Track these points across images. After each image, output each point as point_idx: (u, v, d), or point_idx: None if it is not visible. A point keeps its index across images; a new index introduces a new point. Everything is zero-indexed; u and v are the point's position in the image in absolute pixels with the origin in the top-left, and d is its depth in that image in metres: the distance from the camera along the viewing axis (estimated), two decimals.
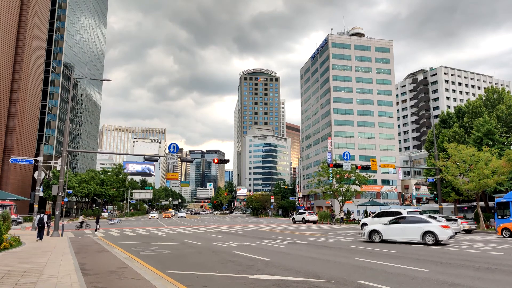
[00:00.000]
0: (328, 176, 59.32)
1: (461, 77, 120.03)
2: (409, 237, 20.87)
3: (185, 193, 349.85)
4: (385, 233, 21.65)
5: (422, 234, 20.36)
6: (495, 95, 50.73)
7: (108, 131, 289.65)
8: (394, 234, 21.37)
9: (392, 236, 21.54)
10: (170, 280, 9.71)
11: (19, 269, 10.85)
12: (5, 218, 23.78)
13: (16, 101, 72.05)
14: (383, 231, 21.76)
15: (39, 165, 31.95)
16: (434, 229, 20.12)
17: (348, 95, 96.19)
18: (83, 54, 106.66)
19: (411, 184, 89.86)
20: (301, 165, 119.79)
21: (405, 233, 21.05)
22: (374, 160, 39.40)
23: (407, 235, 20.92)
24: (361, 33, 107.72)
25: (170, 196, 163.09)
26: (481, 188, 34.42)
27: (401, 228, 21.28)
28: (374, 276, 10.25)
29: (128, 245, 20.07)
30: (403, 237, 21.17)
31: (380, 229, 21.95)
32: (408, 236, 20.91)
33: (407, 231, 21.04)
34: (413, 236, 20.75)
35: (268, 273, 10.79)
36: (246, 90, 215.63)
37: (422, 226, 20.51)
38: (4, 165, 69.06)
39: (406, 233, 21.03)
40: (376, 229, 22.02)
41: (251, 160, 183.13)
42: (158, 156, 33.90)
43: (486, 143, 40.53)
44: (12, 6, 72.43)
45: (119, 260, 13.15)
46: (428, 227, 20.34)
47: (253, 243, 20.56)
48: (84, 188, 74.84)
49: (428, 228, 20.29)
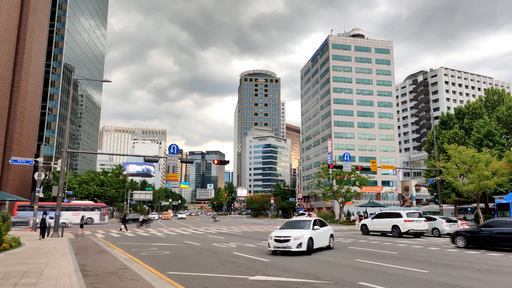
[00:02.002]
0: (328, 177, 59.29)
1: (461, 78, 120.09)
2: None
3: (185, 194, 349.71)
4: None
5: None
6: (495, 96, 50.71)
7: (108, 132, 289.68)
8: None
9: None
10: (170, 281, 9.70)
11: (19, 270, 10.85)
12: (5, 219, 23.79)
13: (16, 102, 72.04)
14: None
15: (39, 166, 31.93)
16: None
17: (348, 96, 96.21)
18: (83, 55, 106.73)
19: (411, 185, 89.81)
20: (301, 166, 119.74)
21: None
22: (374, 161, 39.38)
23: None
24: (361, 34, 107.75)
25: (170, 197, 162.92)
26: (481, 190, 34.38)
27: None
28: (374, 277, 10.24)
29: (128, 246, 20.06)
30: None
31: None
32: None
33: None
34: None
35: (268, 274, 10.79)
36: (246, 91, 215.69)
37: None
38: (4, 165, 69.03)
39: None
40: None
41: (251, 161, 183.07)
42: (158, 157, 33.86)
43: (486, 144, 40.52)
44: (12, 7, 72.49)
45: (119, 261, 13.14)
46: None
47: (253, 244, 20.55)
48: (84, 189, 74.80)
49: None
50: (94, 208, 57.25)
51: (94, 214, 55.61)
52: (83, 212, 52.83)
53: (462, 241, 19.09)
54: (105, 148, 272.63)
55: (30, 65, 75.25)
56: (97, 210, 56.66)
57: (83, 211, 54.14)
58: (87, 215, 52.90)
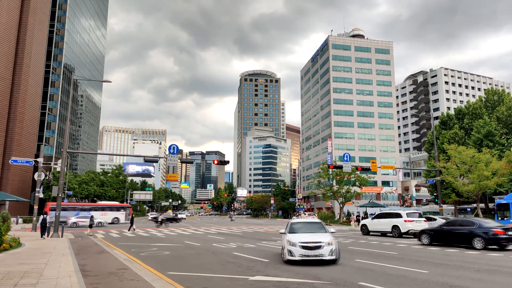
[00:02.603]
0: (328, 177, 59.27)
1: (461, 78, 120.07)
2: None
3: (185, 194, 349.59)
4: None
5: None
6: (495, 96, 50.70)
7: (108, 132, 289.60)
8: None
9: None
10: (170, 281, 9.70)
11: (19, 270, 10.85)
12: (5, 219, 23.76)
13: (16, 102, 72.03)
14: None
15: (39, 166, 31.92)
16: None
17: (348, 96, 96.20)
18: (83, 55, 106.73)
19: (411, 186, 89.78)
20: (301, 167, 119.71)
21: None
22: (374, 161, 39.38)
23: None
24: (361, 34, 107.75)
25: (170, 197, 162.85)
26: (481, 190, 34.39)
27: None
28: (374, 278, 10.24)
29: (128, 246, 20.05)
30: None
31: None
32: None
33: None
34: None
35: (268, 274, 10.79)
36: (246, 92, 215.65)
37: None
38: (4, 166, 69.03)
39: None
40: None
41: (251, 161, 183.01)
42: (158, 157, 33.82)
43: (486, 145, 40.51)
44: (12, 7, 72.49)
45: (119, 261, 13.14)
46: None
47: (252, 245, 20.55)
48: (84, 189, 74.78)
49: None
50: (120, 208, 59.96)
51: (120, 214, 58.11)
52: (110, 212, 57.56)
53: (426, 239, 20.80)
54: (105, 148, 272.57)
55: (30, 65, 75.24)
56: (122, 210, 59.33)
57: (110, 211, 57.78)
58: (114, 215, 57.12)
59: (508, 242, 18.04)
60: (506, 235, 17.80)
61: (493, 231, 17.98)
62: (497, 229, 18.09)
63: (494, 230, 18.02)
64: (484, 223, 18.94)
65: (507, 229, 18.15)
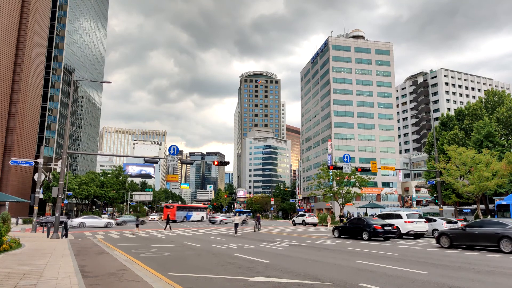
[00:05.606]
0: (328, 178, 59.24)
1: (461, 79, 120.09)
2: None
3: (185, 195, 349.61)
4: None
5: None
6: (495, 97, 50.72)
7: (108, 133, 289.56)
8: None
9: None
10: (170, 282, 9.69)
11: (19, 271, 10.84)
12: (5, 220, 23.75)
13: (17, 102, 72.06)
14: None
15: (39, 167, 31.92)
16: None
17: (348, 97, 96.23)
18: (84, 56, 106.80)
19: (411, 187, 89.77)
20: (301, 167, 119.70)
21: None
22: (374, 162, 39.39)
23: None
24: (361, 35, 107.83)
25: (170, 198, 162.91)
26: (481, 191, 34.37)
27: None
28: (374, 279, 10.23)
29: (128, 247, 20.04)
30: None
31: None
32: None
33: None
34: None
35: (268, 275, 10.78)
36: (247, 92, 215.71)
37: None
38: (4, 167, 69.02)
39: None
40: None
41: (251, 162, 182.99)
42: (158, 158, 33.83)
43: (486, 146, 40.53)
44: (12, 8, 72.57)
45: (119, 262, 13.13)
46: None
47: (253, 245, 20.53)
48: (84, 190, 74.72)
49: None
50: (204, 209, 77.94)
51: (204, 214, 73.56)
52: (200, 213, 72.09)
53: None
54: (105, 149, 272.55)
55: (30, 66, 75.29)
56: (205, 210, 75.43)
57: (200, 211, 72.74)
58: (201, 214, 71.65)
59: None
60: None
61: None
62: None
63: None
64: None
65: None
